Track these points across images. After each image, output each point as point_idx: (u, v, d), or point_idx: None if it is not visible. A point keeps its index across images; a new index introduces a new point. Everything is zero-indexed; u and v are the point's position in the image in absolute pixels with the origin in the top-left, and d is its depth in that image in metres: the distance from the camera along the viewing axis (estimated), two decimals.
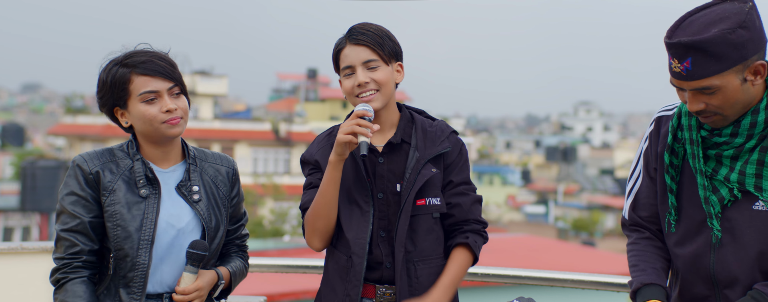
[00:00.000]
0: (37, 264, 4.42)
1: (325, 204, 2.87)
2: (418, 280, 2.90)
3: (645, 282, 2.67)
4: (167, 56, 2.86)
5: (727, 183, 2.62)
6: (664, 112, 2.81)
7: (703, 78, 2.50)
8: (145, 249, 2.79)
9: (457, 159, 3.00)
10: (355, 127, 2.80)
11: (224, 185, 2.95)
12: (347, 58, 2.92)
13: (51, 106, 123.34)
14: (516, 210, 61.69)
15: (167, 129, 2.80)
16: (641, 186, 2.81)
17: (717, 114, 2.57)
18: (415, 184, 2.89)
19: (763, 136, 2.59)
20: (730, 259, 2.63)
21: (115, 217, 2.79)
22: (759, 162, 2.59)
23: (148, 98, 2.78)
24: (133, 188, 2.81)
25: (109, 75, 2.81)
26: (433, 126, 3.01)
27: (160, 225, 2.81)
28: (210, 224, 2.87)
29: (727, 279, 2.64)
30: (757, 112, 2.58)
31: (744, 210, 2.61)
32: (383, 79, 2.91)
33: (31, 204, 34.08)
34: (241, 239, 3.07)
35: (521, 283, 4.09)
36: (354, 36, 2.92)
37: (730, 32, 2.46)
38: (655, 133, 2.80)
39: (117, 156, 2.85)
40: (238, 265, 3.01)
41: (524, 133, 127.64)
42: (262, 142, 45.41)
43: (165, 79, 2.79)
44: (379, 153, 2.95)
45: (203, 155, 2.97)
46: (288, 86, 68.51)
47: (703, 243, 2.67)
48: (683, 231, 2.71)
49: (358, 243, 2.87)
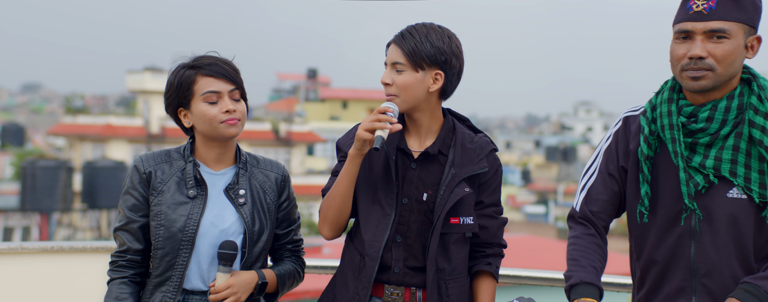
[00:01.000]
0: (37, 264, 4.43)
1: (337, 196, 2.88)
2: (449, 298, 2.92)
3: (584, 280, 2.70)
4: (231, 62, 2.97)
5: (702, 169, 2.65)
6: (631, 113, 2.85)
7: (723, 19, 2.59)
8: (186, 249, 2.89)
9: (492, 179, 2.99)
10: (373, 122, 2.80)
11: (272, 191, 3.03)
12: (388, 56, 2.94)
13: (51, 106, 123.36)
14: (516, 210, 61.72)
15: (225, 128, 2.90)
16: (595, 183, 2.84)
17: (711, 69, 2.61)
18: (448, 202, 2.88)
19: (737, 123, 2.65)
20: (708, 247, 2.66)
21: (159, 217, 2.90)
22: (734, 147, 2.64)
23: (211, 99, 2.90)
24: (183, 189, 2.92)
25: (176, 77, 2.94)
26: (473, 142, 2.97)
27: (203, 226, 2.90)
28: (252, 228, 2.94)
29: (706, 267, 2.67)
30: (732, 97, 2.65)
31: (718, 199, 2.65)
32: (404, 83, 2.89)
33: (31, 204, 34.07)
34: (293, 244, 3.13)
35: (521, 283, 4.10)
36: (400, 34, 2.93)
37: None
38: (622, 131, 2.84)
39: (172, 157, 2.98)
40: (288, 268, 3.07)
41: (524, 133, 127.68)
42: (262, 142, 45.41)
43: (227, 82, 2.91)
44: (414, 158, 2.94)
45: (254, 161, 3.06)
46: (288, 86, 68.54)
47: (682, 233, 2.69)
48: (660, 223, 2.73)
49: (373, 247, 2.88)
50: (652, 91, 2.84)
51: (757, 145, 2.63)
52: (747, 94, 2.67)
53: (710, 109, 2.66)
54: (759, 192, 2.62)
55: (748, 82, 2.70)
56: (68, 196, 34.48)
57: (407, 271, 2.91)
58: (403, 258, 2.91)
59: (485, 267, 2.99)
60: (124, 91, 71.38)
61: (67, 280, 4.47)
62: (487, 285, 3.00)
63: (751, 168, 2.64)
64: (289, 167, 45.51)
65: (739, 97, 2.66)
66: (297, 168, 45.91)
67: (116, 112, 65.90)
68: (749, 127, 2.64)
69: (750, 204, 2.64)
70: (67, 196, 34.35)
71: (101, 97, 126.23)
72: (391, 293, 2.92)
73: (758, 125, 2.63)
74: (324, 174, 44.38)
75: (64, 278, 4.48)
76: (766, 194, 2.62)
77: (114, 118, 44.69)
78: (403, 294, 2.92)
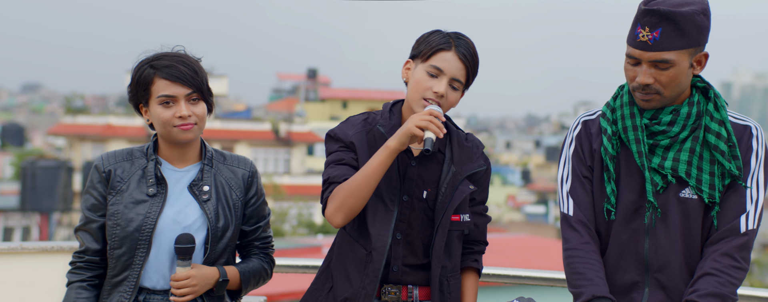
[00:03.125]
0: (37, 264, 4.43)
1: (365, 186, 2.81)
2: (450, 295, 2.95)
3: (597, 294, 2.73)
4: (193, 62, 2.91)
5: (660, 170, 2.78)
6: (588, 117, 2.95)
7: (666, 50, 2.67)
8: (143, 248, 2.86)
9: (484, 178, 3.03)
10: (429, 123, 2.77)
11: (238, 187, 2.99)
12: (445, 62, 2.87)
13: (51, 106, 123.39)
14: (516, 210, 61.71)
15: (178, 133, 2.87)
16: (575, 187, 2.88)
17: (658, 93, 2.73)
18: (453, 200, 2.90)
19: (694, 128, 2.78)
20: (662, 243, 2.78)
21: (115, 216, 2.87)
22: (691, 150, 2.77)
23: (165, 101, 2.86)
24: (143, 187, 2.89)
25: (137, 73, 2.90)
26: (468, 140, 3.01)
27: (162, 223, 2.87)
28: (216, 224, 2.90)
29: (659, 262, 2.78)
30: (691, 104, 2.78)
31: (672, 197, 2.78)
32: (453, 102, 2.91)
33: (31, 204, 34.10)
34: (261, 241, 3.08)
35: (521, 283, 4.09)
36: (461, 49, 2.89)
37: (697, 14, 2.66)
38: (583, 133, 2.91)
39: (135, 155, 2.95)
40: (254, 266, 3.03)
41: (524, 133, 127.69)
42: (262, 142, 45.40)
43: (184, 86, 2.86)
44: (413, 156, 2.95)
45: (221, 157, 3.02)
46: (288, 86, 68.52)
47: (637, 229, 2.80)
48: (619, 218, 2.82)
49: (380, 240, 2.87)
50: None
51: (711, 149, 2.77)
52: (703, 101, 2.81)
53: (672, 113, 2.78)
54: (709, 193, 2.76)
55: (703, 91, 2.83)
56: (68, 196, 34.49)
57: (405, 269, 2.92)
58: (402, 256, 2.92)
59: (472, 263, 3.04)
60: (124, 91, 71.27)
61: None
62: (474, 281, 3.05)
63: (703, 170, 2.77)
64: (289, 167, 45.49)
65: (697, 104, 2.79)
66: (297, 168, 45.90)
67: (116, 112, 65.83)
68: (705, 131, 2.78)
69: (700, 204, 2.78)
70: (67, 196, 34.37)
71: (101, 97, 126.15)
72: (389, 291, 2.92)
73: (713, 131, 2.77)
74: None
75: (64, 278, 4.47)
76: (714, 195, 2.76)
77: (114, 118, 44.70)
78: (400, 293, 2.93)
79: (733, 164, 2.75)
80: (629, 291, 2.81)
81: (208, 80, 2.96)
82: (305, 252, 20.27)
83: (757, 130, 2.81)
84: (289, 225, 35.63)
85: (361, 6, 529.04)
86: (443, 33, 2.93)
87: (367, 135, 2.93)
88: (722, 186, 2.76)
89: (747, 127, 2.80)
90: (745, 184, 2.76)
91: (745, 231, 2.74)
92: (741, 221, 2.74)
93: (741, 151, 2.77)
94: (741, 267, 2.72)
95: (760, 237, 53.64)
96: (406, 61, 2.96)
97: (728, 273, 2.70)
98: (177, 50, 2.94)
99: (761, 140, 2.80)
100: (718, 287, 2.68)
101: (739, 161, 2.75)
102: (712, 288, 2.68)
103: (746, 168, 2.77)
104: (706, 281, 2.70)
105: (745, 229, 2.74)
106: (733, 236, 2.74)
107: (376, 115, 3.00)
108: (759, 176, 2.78)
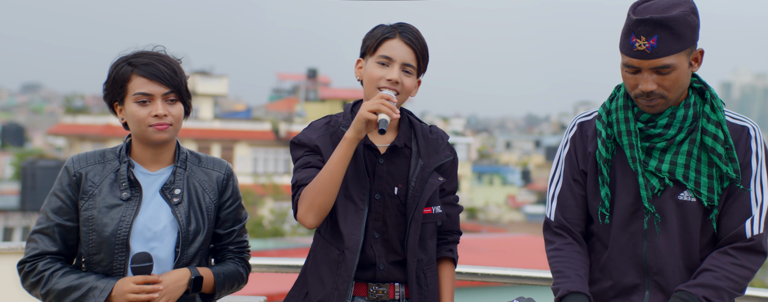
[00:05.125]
0: None
1: (330, 181, 2.81)
2: (428, 288, 2.96)
3: (571, 290, 2.76)
4: (173, 61, 2.86)
5: (657, 173, 2.76)
6: (584, 118, 2.95)
7: (666, 56, 2.65)
8: (121, 253, 2.80)
9: (451, 168, 3.04)
10: (380, 105, 2.78)
11: (212, 190, 2.93)
12: (392, 50, 2.90)
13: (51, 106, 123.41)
14: (516, 210, 61.70)
15: (153, 133, 2.81)
16: (563, 190, 2.90)
17: (662, 97, 2.72)
18: (424, 193, 2.91)
19: (691, 130, 2.77)
20: (661, 246, 2.77)
21: (89, 222, 2.80)
22: (688, 153, 2.76)
23: (141, 100, 2.80)
24: (116, 191, 2.83)
25: (114, 70, 2.85)
26: (433, 133, 3.02)
27: (136, 229, 2.81)
28: (187, 227, 2.84)
29: (657, 265, 2.77)
30: (688, 105, 2.77)
31: (670, 200, 2.76)
32: (409, 86, 2.92)
33: (31, 204, 34.08)
34: (236, 245, 3.01)
35: (521, 283, 4.10)
36: (407, 35, 2.92)
37: (688, 14, 2.66)
38: (578, 135, 2.92)
39: (107, 157, 2.88)
40: (229, 269, 2.96)
41: (524, 133, 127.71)
42: (262, 142, 45.41)
43: (161, 84, 2.81)
44: (380, 153, 2.95)
45: (196, 159, 2.96)
46: (288, 86, 68.50)
47: (635, 232, 2.79)
48: (617, 222, 2.81)
49: (352, 239, 2.87)
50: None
51: (708, 151, 2.75)
52: (700, 103, 2.79)
53: (669, 115, 2.77)
54: (707, 196, 2.74)
55: (700, 92, 2.81)
56: None
57: (390, 267, 2.93)
58: (384, 253, 2.92)
59: (448, 253, 3.05)
60: None
61: None
62: (450, 271, 3.07)
63: (701, 173, 2.75)
64: (289, 167, 45.48)
65: (693, 106, 2.78)
66: None
67: None
68: (702, 134, 2.76)
69: (698, 206, 2.76)
70: None
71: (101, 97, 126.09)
72: (376, 291, 2.92)
73: (710, 133, 2.75)
74: None
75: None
76: (713, 198, 2.74)
77: (114, 118, 44.58)
78: (387, 291, 2.94)
79: (731, 167, 2.73)
80: (630, 294, 2.81)
81: (188, 82, 2.90)
82: (305, 252, 20.25)
83: (755, 131, 2.79)
84: (289, 225, 35.61)
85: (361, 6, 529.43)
86: (386, 25, 2.96)
87: (331, 137, 2.94)
88: (721, 189, 2.75)
89: (745, 128, 2.78)
90: (744, 187, 2.73)
91: (752, 235, 2.71)
92: (746, 226, 2.72)
93: (740, 152, 2.75)
94: (741, 264, 2.70)
95: None
96: (357, 61, 2.98)
97: (724, 269, 2.69)
98: (157, 50, 2.89)
99: (760, 141, 2.79)
100: (712, 280, 2.68)
101: (736, 163, 2.73)
102: (703, 280, 2.68)
103: (747, 170, 2.75)
104: (701, 275, 2.70)
105: (750, 234, 2.71)
106: (739, 241, 2.71)
107: (338, 117, 3.00)
108: (762, 178, 2.75)
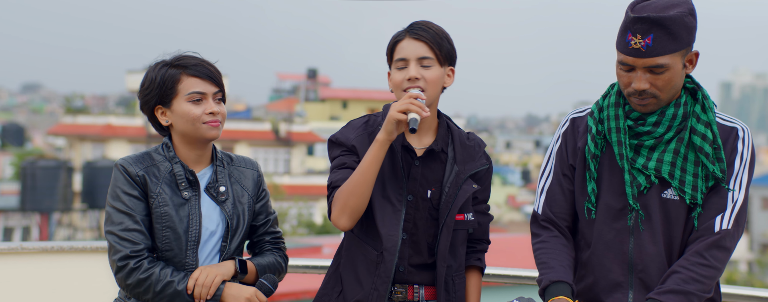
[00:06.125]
0: (37, 264, 4.43)
1: (363, 183, 2.82)
2: (455, 294, 2.96)
3: (554, 279, 2.77)
4: (215, 64, 2.97)
5: (644, 171, 2.79)
6: (577, 114, 2.98)
7: (660, 55, 2.67)
8: (192, 250, 2.89)
9: (486, 176, 3.03)
10: (409, 104, 2.78)
11: (249, 187, 3.03)
12: (403, 51, 2.91)
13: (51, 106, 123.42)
14: (516, 210, 61.69)
15: (207, 130, 2.90)
16: (553, 184, 2.92)
17: (654, 96, 2.74)
18: (457, 199, 2.91)
19: (680, 129, 2.79)
20: (646, 243, 2.79)
21: (164, 219, 2.87)
22: (675, 151, 2.78)
23: (195, 98, 2.89)
24: (176, 190, 2.90)
25: (158, 74, 2.91)
26: (470, 139, 3.02)
27: (203, 225, 2.91)
28: (233, 222, 2.95)
29: (643, 262, 2.79)
30: (678, 105, 2.79)
31: (655, 197, 2.79)
32: (433, 78, 2.90)
33: (31, 204, 34.06)
34: (271, 235, 3.10)
35: (521, 283, 4.09)
36: (415, 31, 2.92)
37: (685, 15, 2.67)
38: (570, 131, 2.94)
39: (156, 159, 2.93)
40: (269, 260, 3.04)
41: (524, 133, 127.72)
42: (262, 142, 45.40)
43: (213, 84, 2.92)
44: (417, 155, 2.94)
45: (229, 159, 3.06)
46: (288, 86, 68.52)
47: (621, 229, 2.81)
48: (602, 218, 2.83)
49: (390, 240, 2.87)
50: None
51: (696, 150, 2.78)
52: (691, 103, 2.81)
53: (658, 114, 2.79)
54: (691, 195, 2.77)
55: (692, 92, 2.83)
56: (68, 196, 34.47)
57: (411, 269, 2.93)
58: (408, 255, 2.92)
59: (476, 262, 3.05)
60: (124, 91, 71.34)
61: (67, 280, 4.46)
62: (477, 280, 3.06)
63: (686, 171, 2.78)
64: (289, 167, 45.50)
65: (684, 106, 2.80)
66: (297, 168, 45.89)
67: (116, 112, 65.89)
68: (691, 133, 2.78)
69: (682, 204, 2.79)
70: (67, 196, 34.35)
71: (101, 97, 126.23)
72: (395, 291, 2.93)
73: (699, 133, 2.77)
74: (324, 174, 44.34)
75: (64, 278, 4.47)
76: (697, 196, 2.77)
77: (114, 118, 44.69)
78: (406, 293, 2.94)
79: (717, 166, 2.76)
80: (613, 291, 2.83)
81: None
82: (305, 252, 20.26)
83: (743, 132, 2.81)
84: (289, 225, 35.62)
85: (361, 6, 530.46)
86: (398, 32, 2.97)
87: (369, 137, 2.93)
88: (706, 188, 2.77)
89: (734, 129, 2.81)
90: (727, 186, 2.77)
91: (719, 230, 2.74)
92: (716, 221, 2.75)
93: (726, 152, 2.78)
94: (708, 264, 2.72)
95: (759, 238, 53.62)
96: (388, 74, 2.99)
97: (692, 270, 2.71)
98: (193, 54, 2.98)
99: (747, 142, 2.81)
100: (680, 284, 2.70)
101: (723, 163, 2.76)
102: (672, 285, 2.70)
103: (730, 169, 2.78)
104: (670, 278, 2.72)
105: (718, 229, 2.75)
106: (708, 235, 2.75)
107: (376, 116, 3.01)
108: (743, 178, 2.79)
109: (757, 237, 53.57)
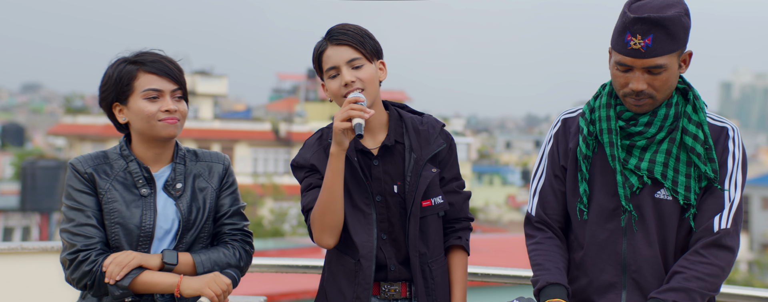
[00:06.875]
0: (37, 264, 4.43)
1: (331, 199, 2.83)
2: (433, 281, 2.95)
3: (550, 281, 2.79)
4: (176, 62, 2.92)
5: (637, 171, 2.79)
6: (569, 115, 2.98)
7: (659, 55, 2.67)
8: (144, 247, 2.84)
9: (448, 154, 3.02)
10: (349, 111, 2.78)
11: (212, 180, 2.96)
12: (330, 60, 2.91)
13: (51, 106, 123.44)
14: (516, 210, 61.66)
15: (163, 128, 2.84)
16: (545, 185, 2.93)
17: (651, 97, 2.74)
18: (419, 187, 2.91)
19: (671, 129, 2.80)
20: (640, 244, 2.80)
21: (113, 215, 2.83)
22: (667, 152, 2.79)
23: (151, 95, 2.83)
24: (131, 188, 2.85)
25: (115, 70, 2.86)
26: (423, 123, 3.00)
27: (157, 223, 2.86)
28: (188, 217, 2.89)
29: (637, 263, 2.80)
30: (669, 105, 2.80)
31: (648, 198, 2.79)
32: (368, 76, 2.90)
33: (31, 204, 34.10)
34: (229, 226, 2.99)
35: (521, 283, 4.09)
36: (334, 37, 2.91)
37: (682, 16, 2.68)
38: (561, 132, 2.95)
39: (110, 158, 2.89)
40: (217, 254, 2.92)
41: (524, 133, 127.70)
42: (262, 142, 45.40)
43: (170, 81, 2.86)
44: (374, 155, 2.95)
45: (194, 156, 3.00)
46: (288, 86, 68.49)
47: (614, 230, 2.82)
48: (595, 219, 2.84)
49: (366, 247, 2.88)
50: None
51: (688, 150, 2.78)
52: (682, 103, 2.82)
53: (650, 114, 2.79)
54: (684, 195, 2.78)
55: (683, 92, 2.84)
56: None
57: (400, 267, 2.94)
58: (394, 254, 2.93)
59: (456, 241, 3.03)
60: None
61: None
62: (461, 258, 3.04)
63: (679, 172, 2.79)
64: (289, 167, 45.42)
65: (675, 106, 2.80)
66: None
67: None
68: (682, 133, 2.79)
69: (675, 205, 2.79)
70: None
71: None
72: (387, 290, 2.94)
73: (691, 133, 2.78)
74: None
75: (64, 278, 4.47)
76: (690, 197, 2.77)
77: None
78: (399, 290, 2.95)
79: (709, 167, 2.77)
80: (606, 292, 2.83)
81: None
82: (305, 252, 20.27)
83: (733, 131, 2.82)
84: (289, 225, 35.62)
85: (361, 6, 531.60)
86: (318, 42, 2.96)
87: (325, 151, 2.94)
88: (699, 189, 2.78)
89: (724, 129, 2.82)
90: (721, 187, 2.77)
91: (718, 229, 2.75)
92: (714, 221, 2.75)
93: (717, 152, 2.79)
94: (709, 262, 2.72)
95: (759, 238, 53.60)
96: (322, 86, 3.00)
97: (692, 268, 2.71)
98: (156, 51, 2.93)
99: (737, 141, 2.82)
100: (681, 281, 2.70)
101: (715, 164, 2.77)
102: (674, 284, 2.71)
103: (723, 169, 2.78)
104: (672, 279, 2.73)
105: (717, 228, 2.75)
106: (707, 235, 2.75)
107: (329, 129, 2.99)
108: (737, 177, 2.79)
109: (757, 237, 53.56)
